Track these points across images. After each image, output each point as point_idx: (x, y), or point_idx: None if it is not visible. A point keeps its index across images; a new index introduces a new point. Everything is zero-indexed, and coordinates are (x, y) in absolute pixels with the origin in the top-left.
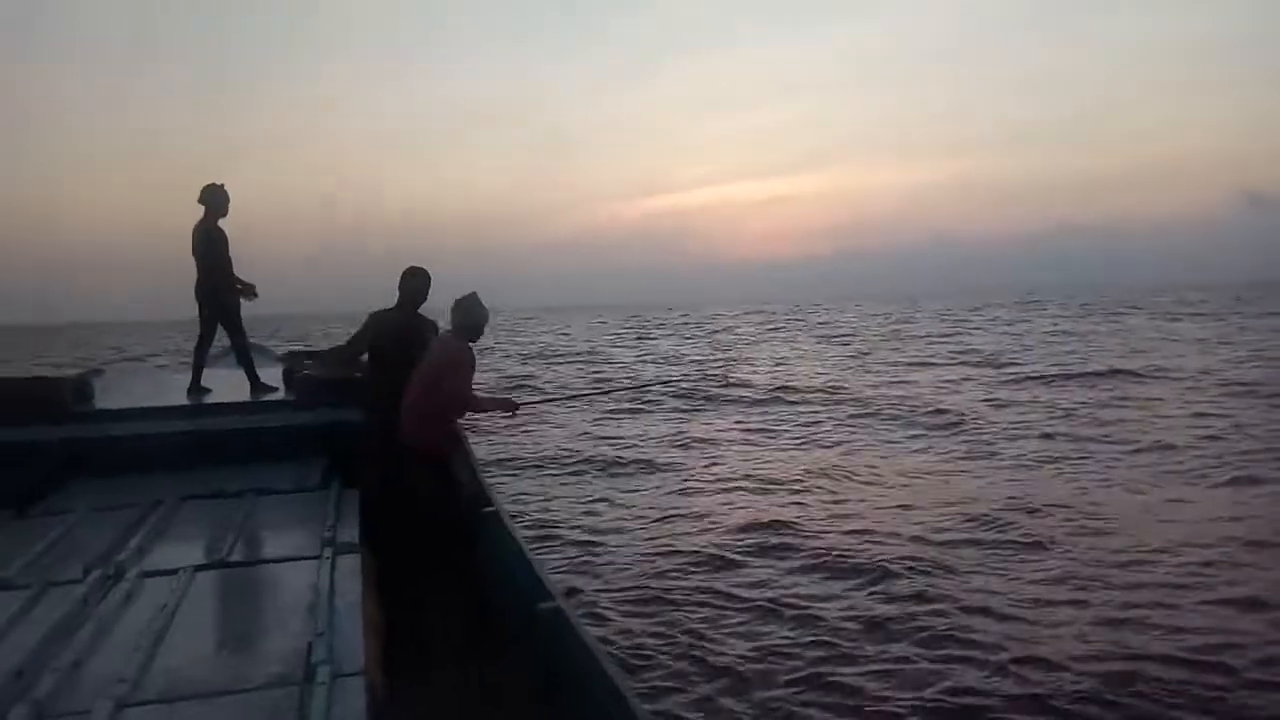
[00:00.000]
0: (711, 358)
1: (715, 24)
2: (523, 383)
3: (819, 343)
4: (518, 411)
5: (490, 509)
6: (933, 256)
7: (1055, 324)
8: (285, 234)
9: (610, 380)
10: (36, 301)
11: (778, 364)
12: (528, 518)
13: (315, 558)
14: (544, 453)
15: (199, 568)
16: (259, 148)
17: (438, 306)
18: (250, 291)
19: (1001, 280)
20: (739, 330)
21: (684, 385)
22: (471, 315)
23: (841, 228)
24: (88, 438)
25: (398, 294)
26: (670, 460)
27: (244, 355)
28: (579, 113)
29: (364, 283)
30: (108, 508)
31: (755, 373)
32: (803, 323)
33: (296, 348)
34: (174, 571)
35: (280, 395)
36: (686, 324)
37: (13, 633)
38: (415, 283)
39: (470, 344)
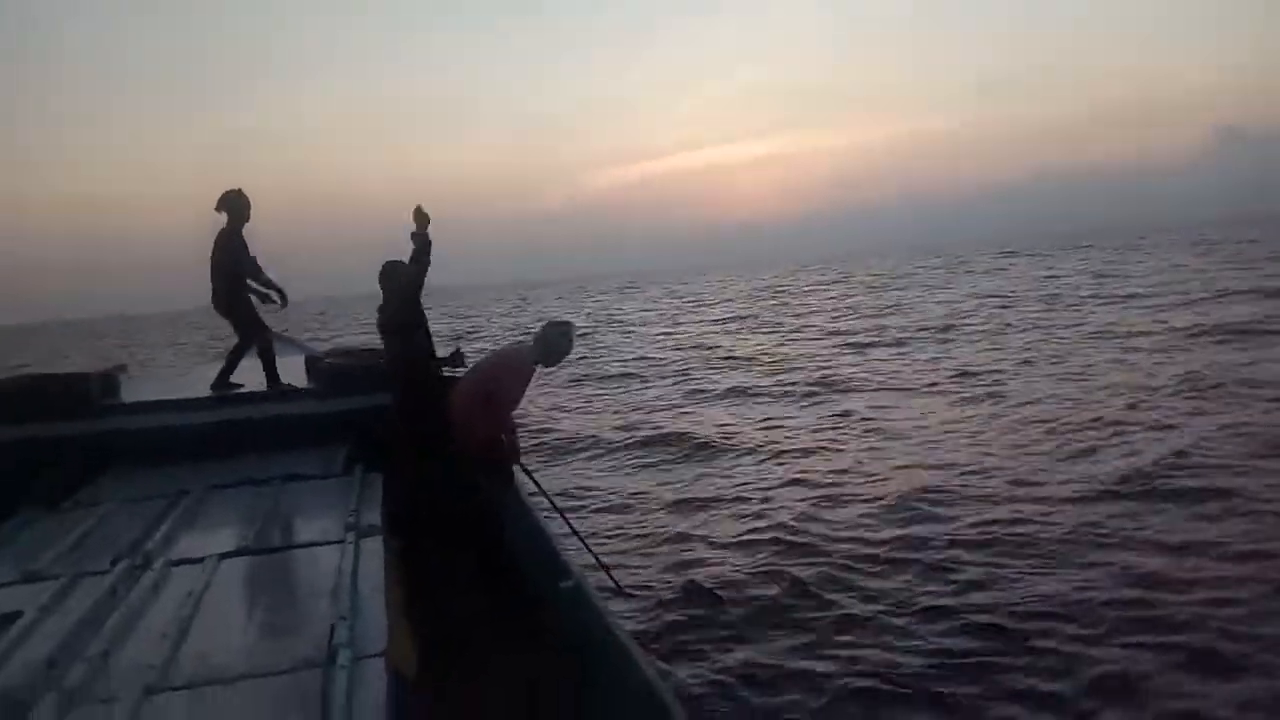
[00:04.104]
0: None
1: None
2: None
3: None
4: (515, 463)
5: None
6: (908, 211)
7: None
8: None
9: None
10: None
11: None
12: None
13: (339, 542)
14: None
15: (224, 555)
16: (254, 141)
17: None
18: (283, 299)
19: (990, 230)
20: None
21: None
22: (557, 346)
23: (830, 186)
24: (116, 431)
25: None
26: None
27: (267, 355)
28: (553, 90)
29: (354, 263)
30: (136, 499)
31: None
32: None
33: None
34: (200, 560)
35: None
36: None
37: (44, 623)
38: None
39: (539, 366)
